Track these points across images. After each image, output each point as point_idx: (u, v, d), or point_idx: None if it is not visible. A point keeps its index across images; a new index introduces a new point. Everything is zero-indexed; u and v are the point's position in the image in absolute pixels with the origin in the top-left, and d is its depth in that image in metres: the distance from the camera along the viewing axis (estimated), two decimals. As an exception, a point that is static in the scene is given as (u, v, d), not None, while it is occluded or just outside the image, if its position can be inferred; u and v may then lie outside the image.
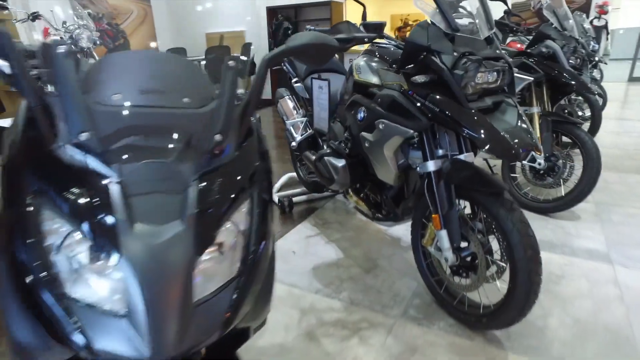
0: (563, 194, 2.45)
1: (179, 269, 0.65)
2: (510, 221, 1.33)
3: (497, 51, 1.41)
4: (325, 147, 1.99)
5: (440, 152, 1.54)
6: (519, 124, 1.34)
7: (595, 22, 7.74)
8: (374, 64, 1.63)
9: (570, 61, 2.47)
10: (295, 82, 2.41)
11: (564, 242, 2.22)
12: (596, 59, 4.62)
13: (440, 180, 1.48)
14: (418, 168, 1.53)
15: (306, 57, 0.93)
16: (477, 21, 1.42)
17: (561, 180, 2.49)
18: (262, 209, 0.87)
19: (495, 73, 1.38)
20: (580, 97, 3.57)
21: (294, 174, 3.01)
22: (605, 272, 1.93)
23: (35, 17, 3.76)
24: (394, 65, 1.51)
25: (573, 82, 2.41)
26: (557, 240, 2.25)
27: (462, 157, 1.49)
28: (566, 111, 3.70)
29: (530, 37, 2.68)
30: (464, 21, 1.39)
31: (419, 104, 1.39)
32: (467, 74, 1.31)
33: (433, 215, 1.50)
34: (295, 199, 2.80)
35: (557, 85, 2.55)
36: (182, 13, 7.72)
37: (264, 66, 0.87)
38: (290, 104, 2.47)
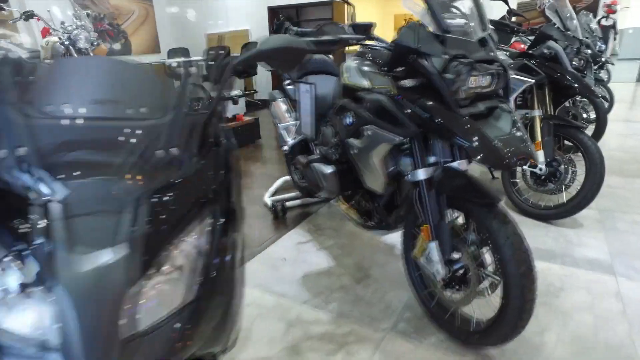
0: (565, 201, 2.36)
1: (119, 297, 0.59)
2: (503, 234, 1.25)
3: (492, 53, 1.33)
4: (317, 152, 1.92)
5: (432, 159, 1.47)
6: (514, 131, 1.27)
7: (603, 22, 7.59)
8: (364, 67, 1.55)
9: (574, 62, 2.38)
10: (288, 83, 2.35)
11: (565, 252, 2.13)
12: (602, 59, 4.50)
13: (431, 190, 1.41)
14: (408, 176, 1.46)
15: (277, 62, 0.87)
16: (470, 22, 1.35)
17: (563, 186, 2.40)
18: (227, 225, 0.81)
19: (489, 77, 1.31)
20: (585, 99, 3.47)
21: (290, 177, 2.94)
22: (608, 284, 1.84)
23: (28, 16, 3.73)
24: (384, 68, 1.44)
25: (576, 85, 2.32)
26: (557, 249, 2.16)
27: (455, 164, 1.42)
28: (571, 114, 3.60)
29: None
30: (456, 22, 1.31)
31: (408, 110, 1.31)
32: (458, 77, 1.23)
33: (423, 226, 1.43)
34: (289, 204, 2.74)
35: (559, 87, 2.47)
36: (183, 13, 7.68)
37: (230, 72, 0.81)
38: (283, 107, 2.41)
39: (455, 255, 1.45)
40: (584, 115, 3.61)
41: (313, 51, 0.92)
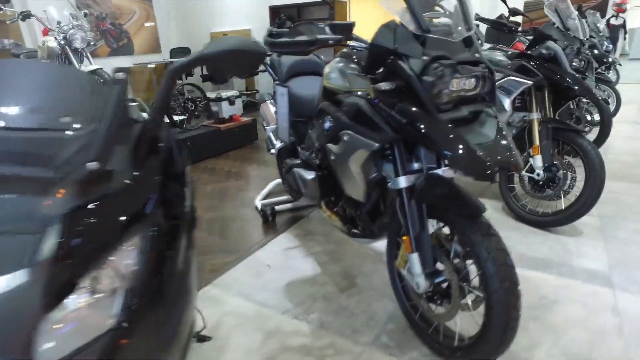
0: (563, 207, 2.26)
1: (24, 327, 0.53)
2: (486, 248, 1.17)
3: (477, 54, 1.25)
4: (300, 156, 1.85)
5: (416, 165, 1.39)
6: (498, 137, 1.19)
7: (613, 21, 7.41)
8: (345, 68, 1.49)
9: (574, 64, 2.28)
10: (276, 84, 2.28)
11: (561, 261, 2.04)
12: (610, 59, 4.37)
13: (412, 198, 1.34)
14: (389, 183, 1.38)
15: (229, 66, 0.80)
16: (453, 21, 1.27)
17: (562, 192, 2.31)
18: (166, 241, 0.74)
19: (473, 79, 1.23)
20: (589, 101, 3.36)
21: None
22: (605, 298, 1.75)
23: (25, 16, 3.72)
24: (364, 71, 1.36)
25: (576, 87, 2.22)
26: (554, 258, 2.07)
27: (439, 171, 1.34)
28: (574, 116, 3.49)
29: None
30: (438, 21, 1.24)
31: (386, 114, 1.24)
32: (439, 80, 1.16)
33: (404, 237, 1.36)
34: (279, 208, 2.68)
35: (559, 89, 2.37)
36: (187, 12, 7.67)
37: (169, 78, 0.74)
38: (272, 109, 2.35)
39: (439, 267, 1.37)
40: (588, 118, 3.49)
41: (298, 53, 0.84)
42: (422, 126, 1.16)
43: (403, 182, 1.34)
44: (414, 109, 1.18)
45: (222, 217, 2.72)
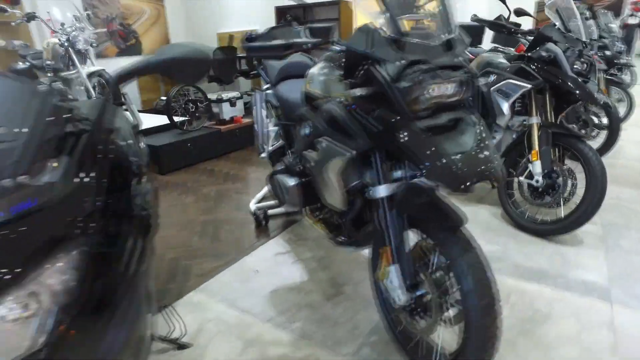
0: (562, 216, 2.18)
1: None
2: (465, 263, 1.12)
3: (458, 58, 1.20)
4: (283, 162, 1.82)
5: (399, 173, 1.34)
6: (477, 147, 1.13)
7: (629, 20, 7.19)
8: (327, 73, 1.44)
9: (575, 66, 2.19)
10: (267, 88, 2.25)
11: (558, 272, 1.96)
12: (622, 60, 4.22)
13: (392, 208, 1.29)
14: (369, 192, 1.34)
15: (175, 73, 0.77)
16: (434, 24, 1.21)
17: (561, 200, 2.22)
18: (108, 252, 0.71)
19: (453, 84, 1.17)
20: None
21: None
22: (601, 312, 1.67)
23: (30, 17, 3.77)
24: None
25: (577, 91, 2.13)
26: (551, 269, 1.99)
27: (420, 180, 1.28)
28: (581, 119, 3.38)
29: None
30: (417, 24, 1.19)
31: (361, 121, 1.20)
32: (415, 86, 1.10)
33: (384, 248, 1.31)
34: (272, 212, 2.65)
35: (561, 93, 2.28)
36: (195, 12, 7.71)
37: (113, 85, 0.71)
38: (264, 112, 2.31)
39: (421, 279, 1.32)
40: (596, 121, 3.37)
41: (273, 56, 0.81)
42: (397, 134, 1.11)
43: (383, 191, 1.29)
44: (389, 116, 1.14)
45: (216, 220, 2.70)
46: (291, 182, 1.60)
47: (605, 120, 3.32)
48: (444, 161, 1.07)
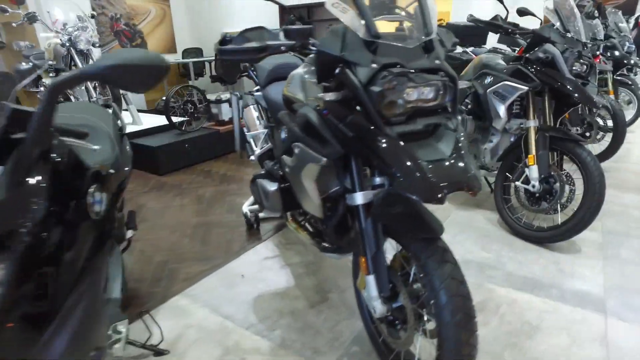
0: (559, 222, 2.10)
1: None
2: (439, 276, 1.07)
3: (437, 61, 1.14)
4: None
5: (378, 180, 1.29)
6: (454, 155, 1.08)
7: (643, 19, 6.98)
8: (307, 76, 1.40)
9: (575, 68, 2.11)
10: (257, 90, 2.22)
11: (552, 282, 1.89)
12: (632, 61, 4.09)
13: (369, 216, 1.24)
14: (347, 199, 1.29)
15: (118, 81, 0.73)
16: (411, 25, 1.16)
17: (559, 206, 2.15)
18: (38, 267, 0.69)
19: (430, 88, 1.12)
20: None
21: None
22: (595, 326, 1.60)
23: (30, 18, 3.79)
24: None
25: (575, 94, 2.05)
26: (545, 278, 1.92)
27: (399, 188, 1.24)
28: (586, 121, 3.27)
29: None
30: (392, 26, 1.14)
31: (334, 127, 1.15)
32: (388, 90, 1.06)
33: (361, 257, 1.26)
34: (263, 215, 2.61)
35: (560, 95, 2.20)
36: (200, 12, 7.72)
37: (49, 95, 0.68)
38: (254, 114, 2.28)
39: (400, 290, 1.27)
40: (601, 123, 3.27)
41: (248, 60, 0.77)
42: (367, 141, 1.07)
43: (359, 198, 1.24)
44: (361, 121, 1.09)
45: (207, 222, 2.68)
46: (271, 187, 1.56)
47: (610, 123, 3.22)
48: (417, 170, 1.02)
